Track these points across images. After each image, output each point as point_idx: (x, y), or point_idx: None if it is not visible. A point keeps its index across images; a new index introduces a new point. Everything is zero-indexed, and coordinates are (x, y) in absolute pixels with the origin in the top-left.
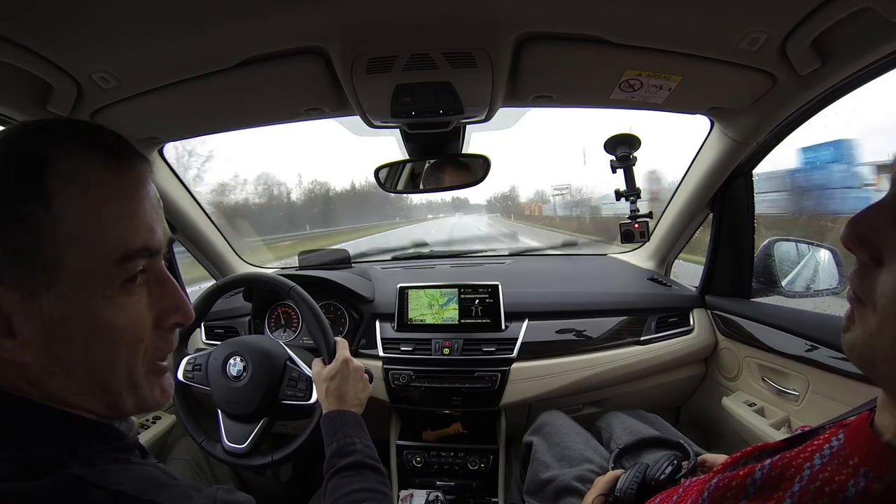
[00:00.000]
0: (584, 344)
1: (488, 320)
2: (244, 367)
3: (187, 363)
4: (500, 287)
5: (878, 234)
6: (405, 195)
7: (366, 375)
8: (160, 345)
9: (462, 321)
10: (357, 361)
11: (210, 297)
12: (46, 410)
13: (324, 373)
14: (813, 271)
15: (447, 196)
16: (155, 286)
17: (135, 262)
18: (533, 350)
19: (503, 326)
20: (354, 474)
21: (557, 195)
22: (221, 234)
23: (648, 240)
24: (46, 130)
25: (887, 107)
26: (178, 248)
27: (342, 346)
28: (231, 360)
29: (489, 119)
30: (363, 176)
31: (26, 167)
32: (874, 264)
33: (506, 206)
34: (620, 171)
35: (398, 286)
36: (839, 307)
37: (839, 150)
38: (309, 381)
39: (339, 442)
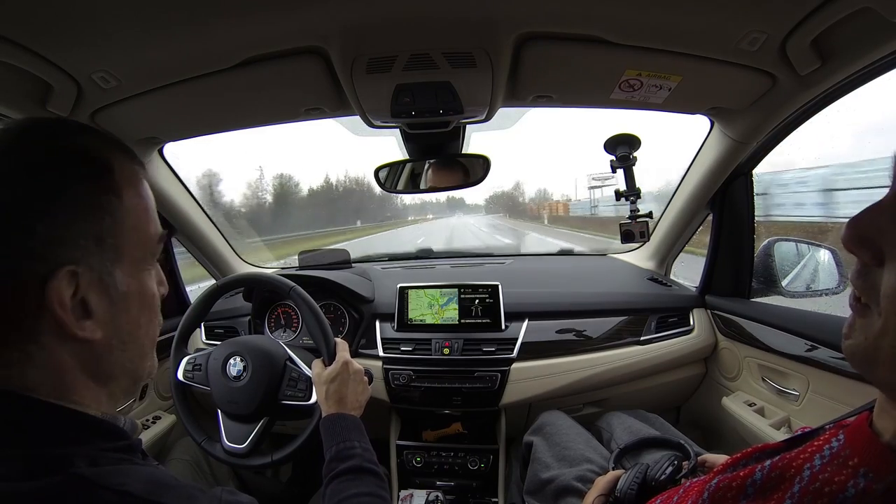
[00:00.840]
0: (584, 344)
1: (488, 320)
2: (244, 367)
3: (187, 363)
4: (500, 287)
5: (880, 233)
6: (398, 195)
7: (365, 378)
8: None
9: (462, 321)
10: (357, 363)
11: (210, 297)
12: (53, 408)
13: (324, 375)
14: (813, 271)
15: (441, 196)
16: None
17: (163, 241)
18: (533, 350)
19: (503, 326)
20: (354, 478)
21: (596, 187)
22: (221, 233)
23: (648, 240)
24: (96, 136)
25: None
26: (179, 249)
27: (342, 348)
28: (231, 360)
29: (489, 119)
30: (342, 170)
31: (99, 166)
32: (876, 264)
33: (512, 204)
34: (620, 171)
35: (398, 286)
36: (839, 307)
37: None
38: (309, 382)
39: (339, 446)
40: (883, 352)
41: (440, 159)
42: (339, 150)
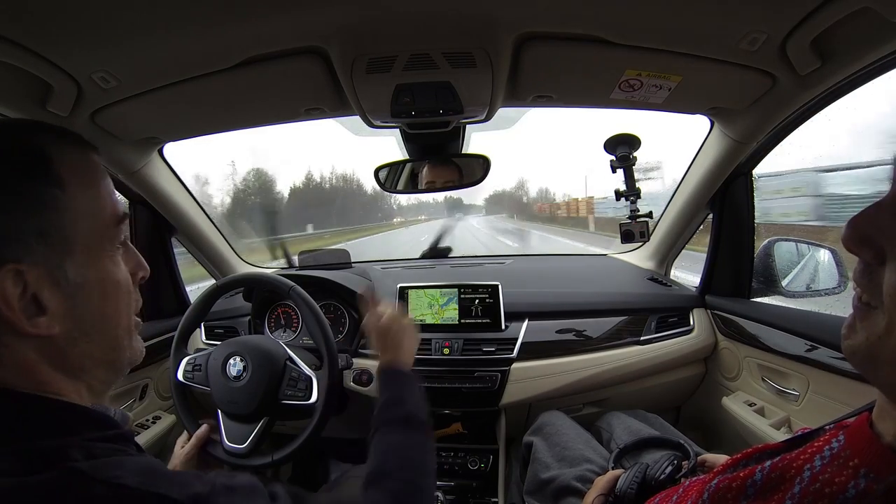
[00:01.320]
0: (584, 344)
1: (488, 320)
2: (244, 367)
3: (187, 363)
4: (500, 287)
5: (880, 232)
6: (394, 195)
7: (416, 330)
8: (136, 297)
9: (462, 321)
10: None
11: (210, 297)
12: (42, 401)
13: (382, 323)
14: (813, 271)
15: (439, 196)
16: (124, 248)
17: (123, 224)
18: (533, 350)
19: (503, 326)
20: (412, 432)
21: (644, 179)
22: (221, 233)
23: (648, 240)
24: (33, 129)
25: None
26: (179, 249)
27: (387, 305)
28: (231, 360)
29: (489, 119)
30: (327, 168)
31: (37, 158)
32: (878, 263)
33: (518, 204)
34: (620, 171)
35: (398, 286)
36: (840, 307)
37: None
38: (309, 381)
39: (394, 395)
40: (886, 351)
41: (440, 159)
42: (308, 148)
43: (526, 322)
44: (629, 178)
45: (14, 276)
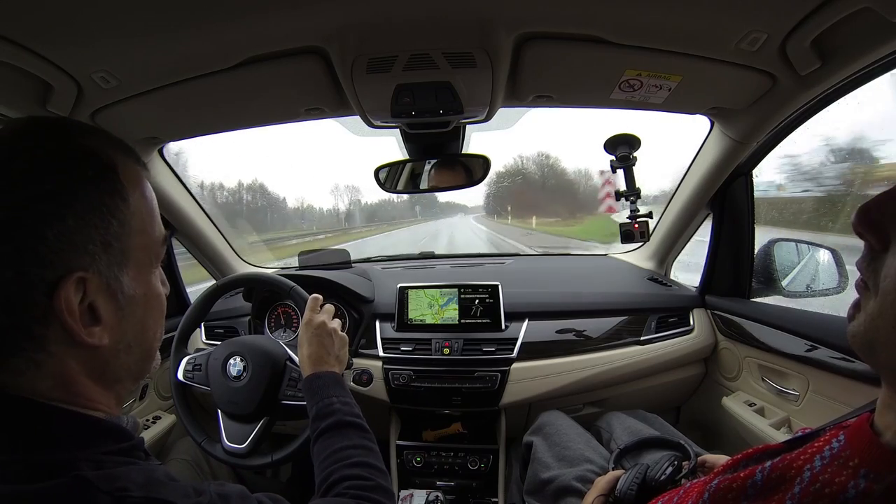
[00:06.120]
0: (584, 344)
1: (488, 320)
2: (244, 367)
3: (187, 363)
4: (500, 287)
5: (888, 219)
6: (394, 194)
7: (337, 332)
8: None
9: (462, 321)
10: (321, 317)
11: (210, 297)
12: (59, 413)
13: (308, 332)
14: (813, 272)
15: (429, 197)
16: None
17: (165, 243)
18: (533, 350)
19: (503, 326)
20: (336, 433)
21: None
22: (221, 234)
23: (648, 240)
24: (101, 137)
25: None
26: (179, 249)
27: (309, 308)
28: (231, 360)
29: (489, 119)
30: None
31: (104, 168)
32: (882, 248)
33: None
34: (620, 171)
35: (398, 286)
36: (840, 307)
37: None
38: None
39: (319, 405)
40: (880, 333)
41: (440, 159)
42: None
43: (526, 322)
44: (629, 179)
45: (77, 284)
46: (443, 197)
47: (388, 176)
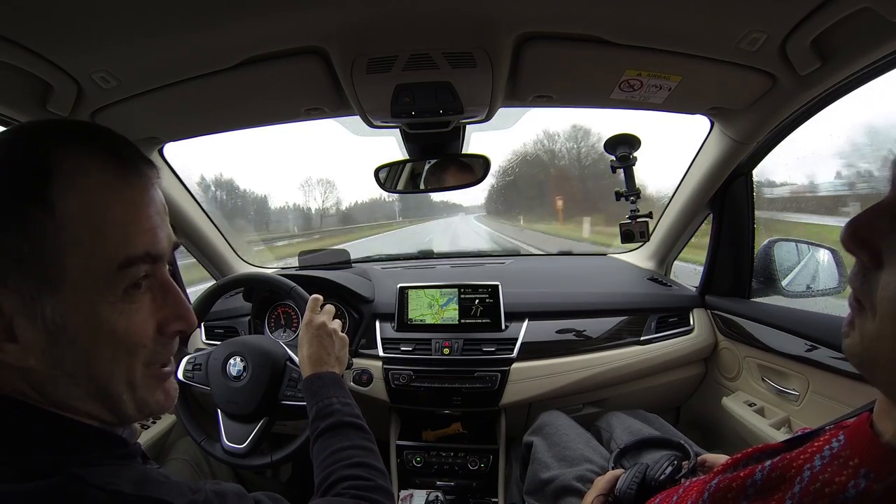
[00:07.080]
0: (584, 344)
1: (488, 320)
2: (244, 367)
3: (187, 363)
4: (500, 287)
5: (878, 235)
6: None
7: (337, 332)
8: (160, 350)
9: (462, 321)
10: (321, 318)
11: (210, 297)
12: (50, 416)
13: (309, 333)
14: (813, 272)
15: (423, 197)
16: (158, 293)
17: (137, 267)
18: (533, 350)
19: (503, 326)
20: (335, 434)
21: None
22: (222, 234)
23: (648, 240)
24: (50, 133)
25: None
26: (179, 249)
27: (309, 308)
28: (231, 360)
29: (489, 119)
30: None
31: (31, 172)
32: (874, 266)
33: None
34: (620, 171)
35: (398, 286)
36: (840, 307)
37: None
38: None
39: (318, 405)
40: (881, 355)
41: (440, 159)
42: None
43: (526, 322)
44: (629, 179)
45: None
46: (437, 196)
47: (388, 176)
